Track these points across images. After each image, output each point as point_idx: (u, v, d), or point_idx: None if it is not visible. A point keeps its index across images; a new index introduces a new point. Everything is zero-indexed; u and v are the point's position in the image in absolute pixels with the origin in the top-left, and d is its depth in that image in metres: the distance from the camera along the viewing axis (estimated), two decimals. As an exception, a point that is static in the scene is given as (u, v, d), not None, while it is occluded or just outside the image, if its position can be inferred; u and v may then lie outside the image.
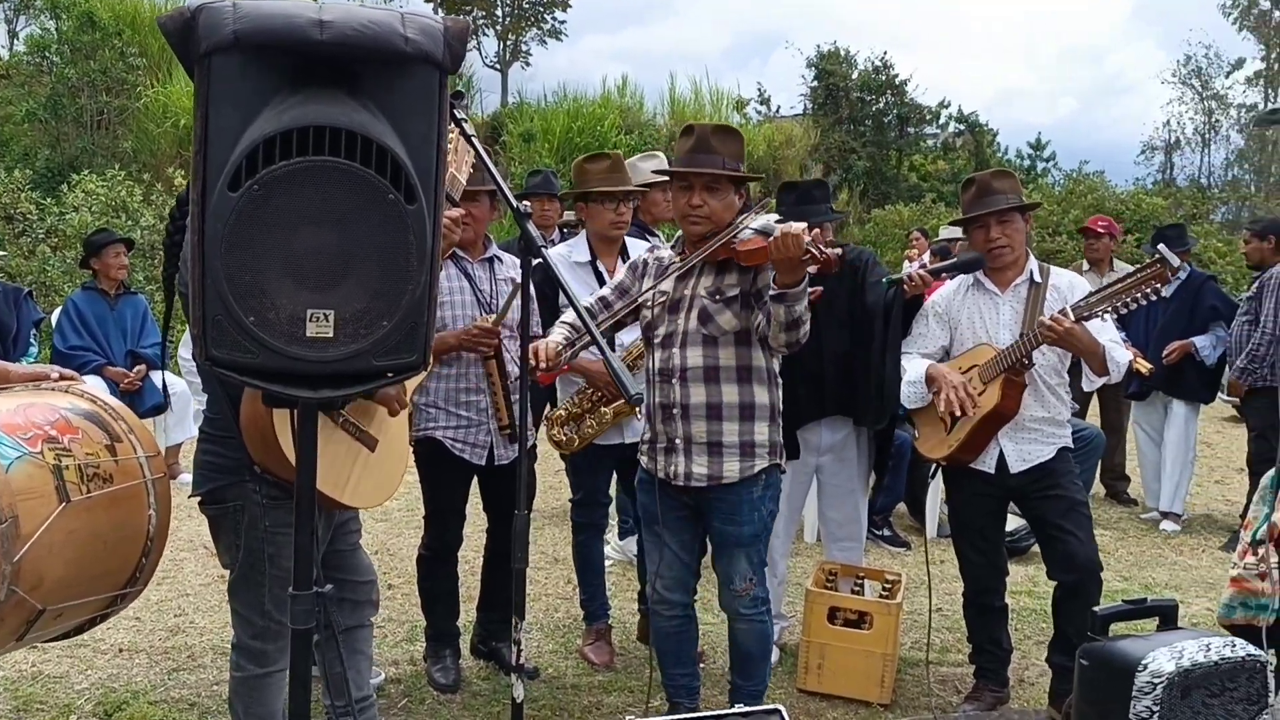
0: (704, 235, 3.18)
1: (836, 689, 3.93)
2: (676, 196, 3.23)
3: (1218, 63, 30.84)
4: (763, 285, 3.14)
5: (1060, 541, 3.61)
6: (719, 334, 3.16)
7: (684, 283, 3.22)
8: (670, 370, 3.18)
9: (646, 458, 3.31)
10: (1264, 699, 2.08)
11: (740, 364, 3.18)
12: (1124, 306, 3.34)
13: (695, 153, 3.16)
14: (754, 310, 3.16)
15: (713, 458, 3.18)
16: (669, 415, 3.18)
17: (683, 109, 22.33)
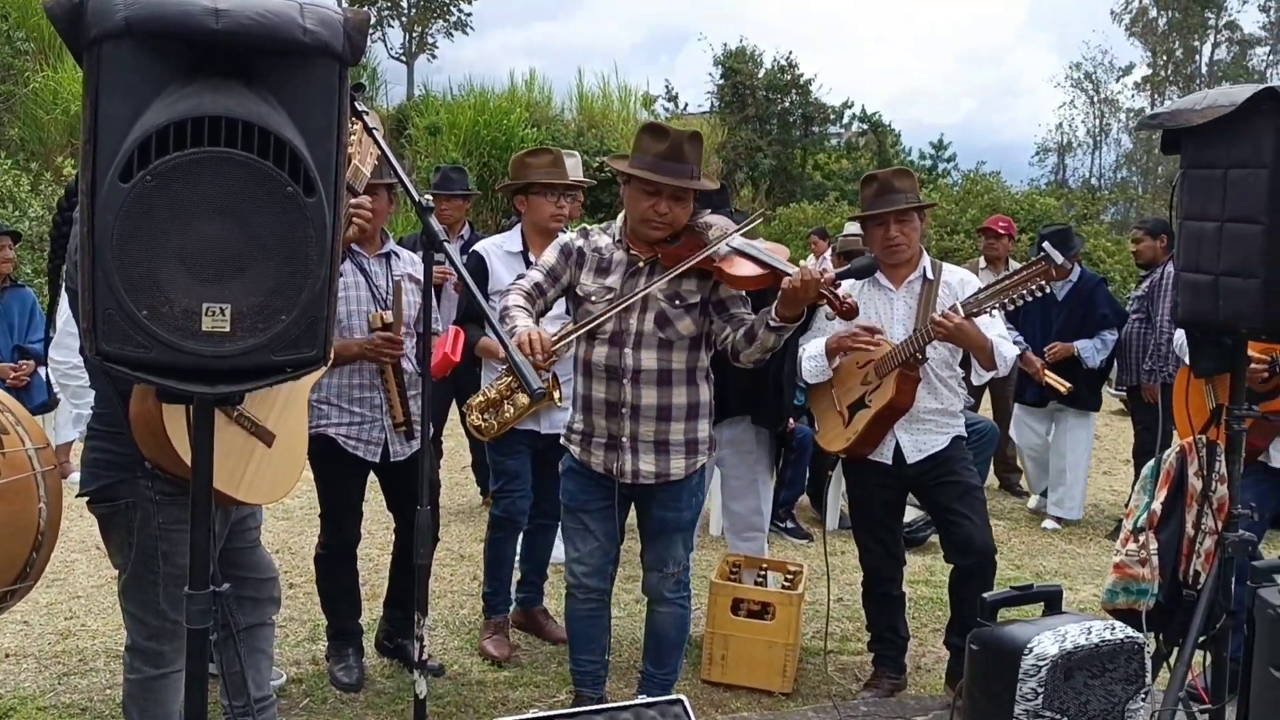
0: (660, 240, 3.20)
1: (740, 679, 3.99)
2: (637, 198, 3.17)
3: (1108, 68, 32.00)
4: (725, 296, 3.24)
5: (957, 526, 3.73)
6: (676, 339, 3.20)
7: (634, 281, 3.20)
8: (621, 370, 3.17)
9: (579, 449, 3.30)
10: (1141, 679, 2.18)
11: (690, 366, 3.25)
12: (1011, 303, 3.45)
13: (668, 159, 3.12)
14: (711, 318, 3.25)
15: (659, 456, 3.23)
16: (615, 413, 3.19)
17: (591, 105, 22.35)
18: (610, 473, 3.22)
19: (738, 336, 3.16)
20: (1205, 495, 3.19)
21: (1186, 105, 3.02)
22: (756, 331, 3.11)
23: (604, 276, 3.23)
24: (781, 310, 3.03)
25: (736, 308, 3.24)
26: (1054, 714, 2.09)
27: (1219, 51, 32.73)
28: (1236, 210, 2.85)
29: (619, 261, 3.24)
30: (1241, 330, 2.95)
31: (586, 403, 3.25)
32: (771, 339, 3.08)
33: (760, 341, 3.10)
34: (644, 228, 3.19)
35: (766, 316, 3.08)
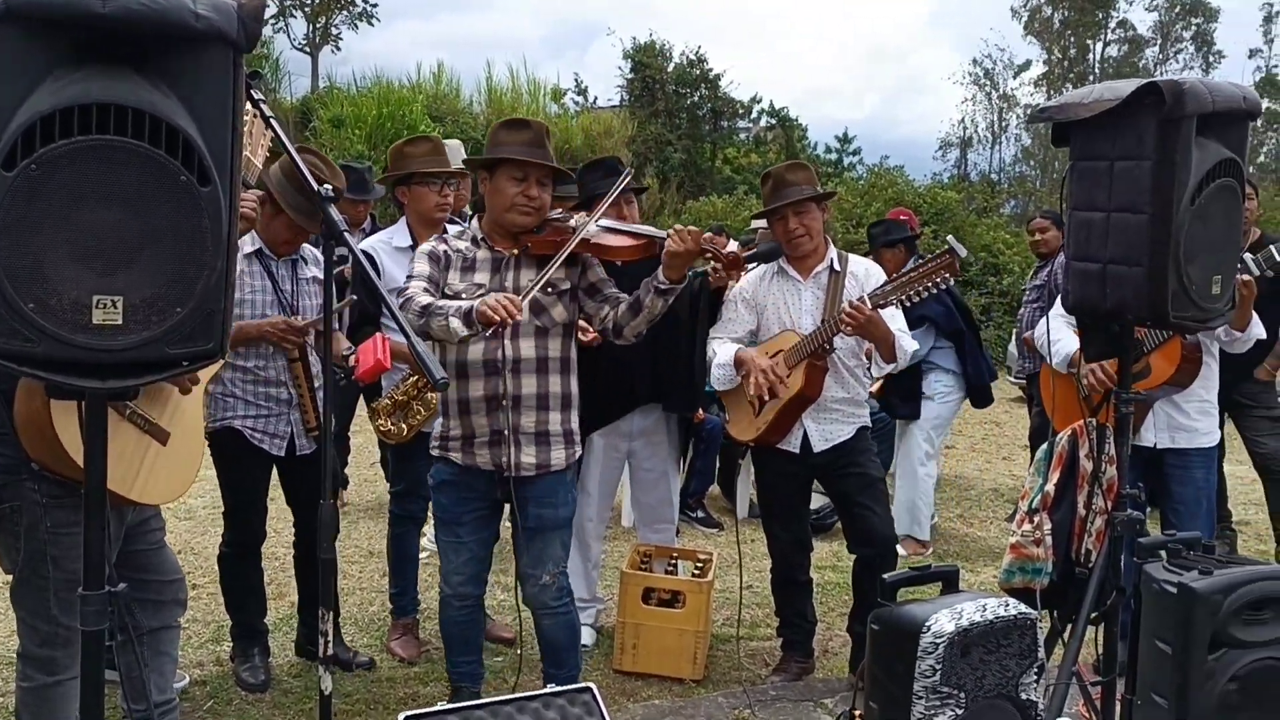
0: (529, 227, 3.21)
1: (651, 667, 4.02)
2: (505, 187, 3.18)
3: (1007, 65, 32.83)
4: (594, 280, 3.30)
5: (860, 517, 3.81)
6: (550, 325, 3.22)
7: (501, 275, 3.21)
8: (500, 362, 3.16)
9: (460, 454, 3.24)
10: (1034, 653, 2.26)
11: (564, 355, 3.27)
12: (915, 295, 3.53)
13: (534, 146, 3.19)
14: (582, 303, 3.29)
15: (540, 447, 3.23)
16: (497, 407, 3.17)
17: (500, 97, 22.14)
18: (499, 467, 3.19)
19: (620, 312, 3.21)
20: (1095, 476, 3.32)
21: (1075, 99, 3.12)
22: (643, 300, 3.15)
23: (470, 274, 3.22)
24: (668, 273, 3.09)
25: (608, 288, 3.30)
26: (951, 689, 2.15)
27: (1110, 50, 33.87)
28: (1122, 200, 2.94)
29: (483, 259, 3.23)
30: (1128, 316, 3.05)
31: (463, 405, 3.20)
32: (659, 304, 3.13)
33: (648, 310, 3.15)
34: (513, 215, 3.20)
35: (653, 283, 3.12)
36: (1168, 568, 2.49)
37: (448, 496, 3.30)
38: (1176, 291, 2.89)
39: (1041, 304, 6.36)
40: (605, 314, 3.25)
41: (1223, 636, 2.38)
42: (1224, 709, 2.38)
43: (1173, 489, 3.92)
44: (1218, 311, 3.05)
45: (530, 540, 3.28)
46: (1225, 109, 2.90)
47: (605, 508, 4.38)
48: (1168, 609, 2.43)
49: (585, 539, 4.30)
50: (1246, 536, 5.84)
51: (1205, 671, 2.37)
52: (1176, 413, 3.88)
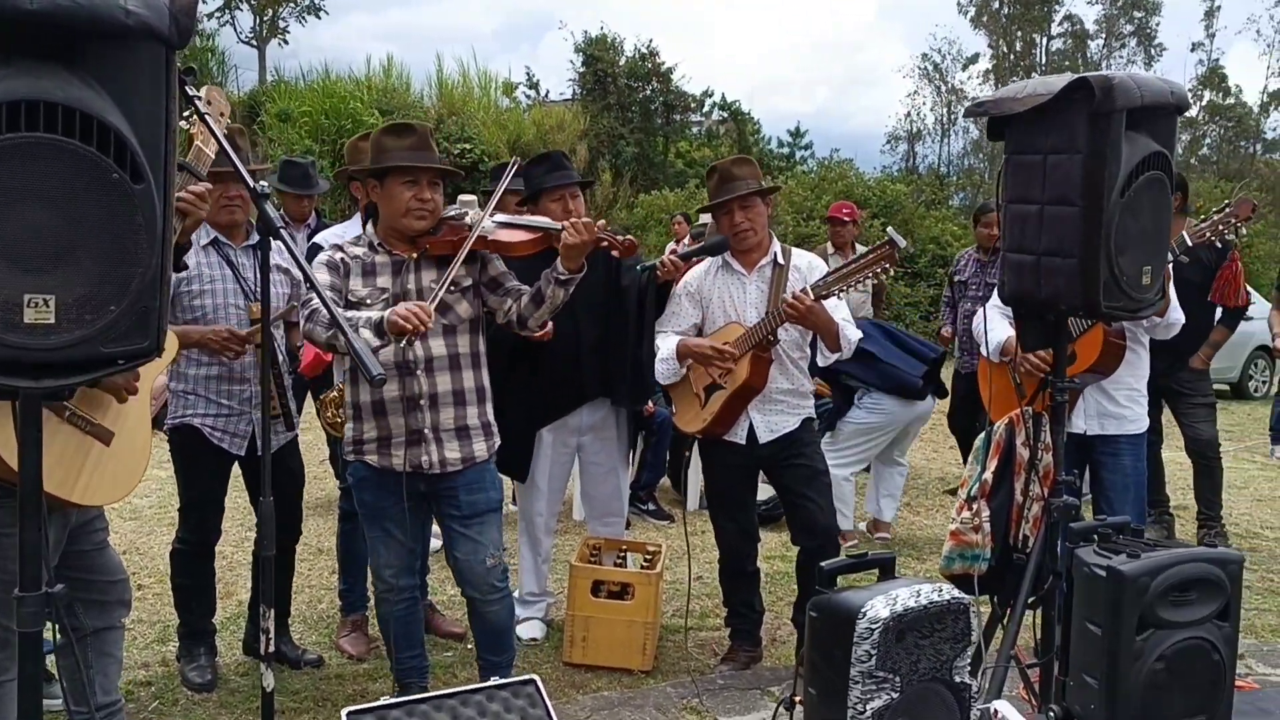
0: (425, 230, 3.23)
1: (601, 659, 4.04)
2: (397, 192, 3.19)
3: (955, 58, 33.20)
4: (495, 274, 3.33)
5: (803, 509, 3.86)
6: (458, 323, 3.24)
7: (403, 279, 3.22)
8: (412, 363, 3.17)
9: (377, 456, 3.23)
10: (968, 637, 2.31)
11: (474, 350, 3.30)
12: (856, 285, 3.58)
13: (421, 150, 3.21)
14: (485, 297, 3.33)
15: (462, 441, 3.25)
16: (414, 407, 3.18)
17: (450, 91, 22.02)
18: (418, 469, 3.20)
19: (522, 304, 3.26)
20: (1032, 464, 3.39)
21: (1009, 94, 3.18)
22: (544, 292, 3.21)
23: (372, 279, 3.22)
24: (566, 263, 3.16)
25: (509, 281, 3.34)
26: (886, 674, 2.20)
27: (1056, 43, 34.34)
28: (1055, 194, 3.00)
29: (383, 264, 3.23)
30: (1061, 307, 3.11)
31: (378, 407, 3.19)
32: (560, 294, 3.20)
33: (549, 300, 3.21)
34: (408, 220, 3.20)
35: (553, 274, 3.18)
36: (1098, 552, 2.56)
37: (369, 493, 3.29)
38: (1108, 282, 2.95)
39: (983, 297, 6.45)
40: (508, 307, 3.29)
41: (1150, 618, 2.45)
42: (1151, 687, 2.45)
43: (1103, 475, 4.02)
44: (1148, 301, 3.12)
45: (468, 527, 3.29)
46: (1153, 103, 2.97)
47: (555, 502, 4.39)
48: (1097, 592, 2.50)
49: (535, 533, 4.32)
50: (1185, 520, 5.99)
51: (1133, 652, 2.44)
52: (1106, 400, 3.98)
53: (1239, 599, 2.54)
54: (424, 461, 3.20)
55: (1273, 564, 5.55)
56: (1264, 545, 5.94)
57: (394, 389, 3.18)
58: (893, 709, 2.21)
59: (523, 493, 4.34)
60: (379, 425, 3.22)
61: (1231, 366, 11.83)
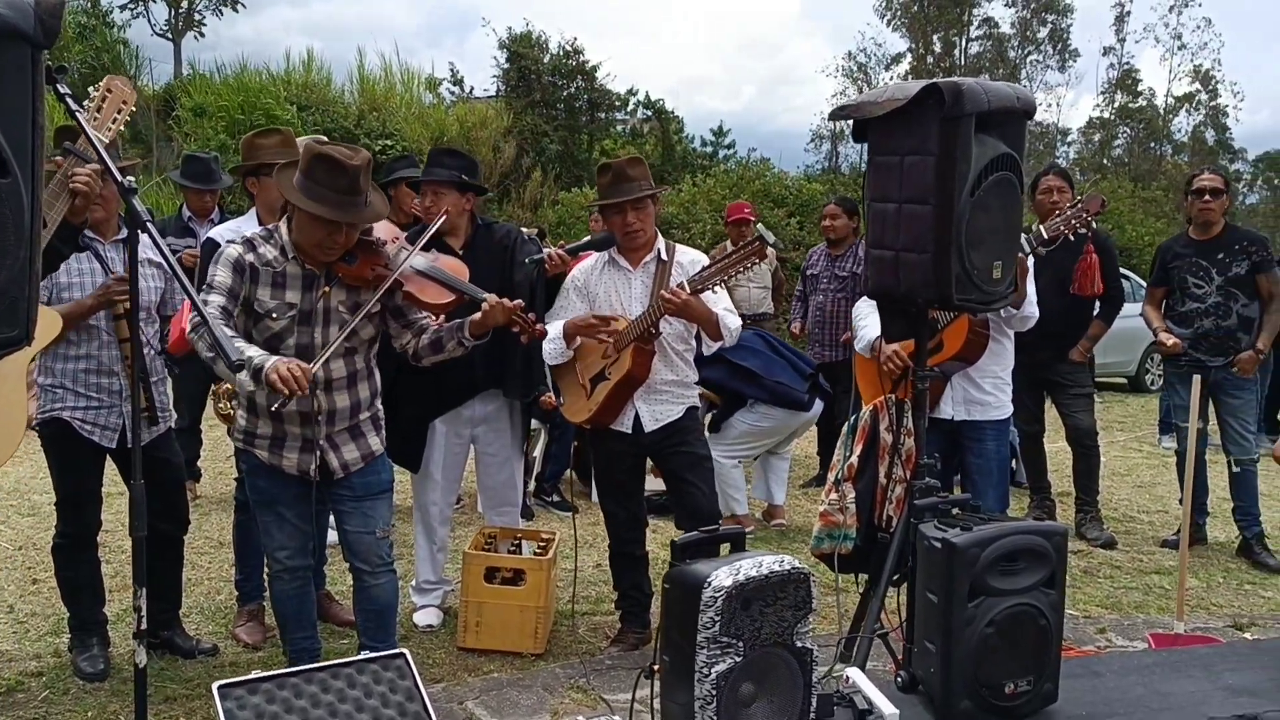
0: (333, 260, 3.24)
1: (494, 644, 4.15)
2: (312, 226, 3.14)
3: (880, 59, 33.84)
4: (403, 304, 3.42)
5: (686, 494, 4.02)
6: (359, 345, 3.33)
7: (312, 294, 3.23)
8: (311, 383, 3.12)
9: (268, 454, 3.29)
10: (808, 605, 2.47)
11: (368, 365, 3.41)
12: (730, 279, 3.75)
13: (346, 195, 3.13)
14: (388, 322, 3.43)
15: (359, 441, 3.37)
16: (310, 421, 3.25)
17: (373, 88, 21.88)
18: (306, 473, 3.27)
19: (421, 344, 3.40)
20: (895, 448, 3.58)
21: (870, 98, 3.36)
22: (445, 344, 3.36)
23: (281, 292, 3.21)
24: (474, 330, 3.32)
25: (414, 314, 3.44)
26: (730, 639, 2.35)
27: (975, 45, 35.12)
28: (911, 192, 3.18)
29: (294, 276, 3.22)
30: (919, 300, 3.30)
31: (275, 413, 3.23)
32: (460, 351, 3.38)
33: (448, 353, 3.38)
34: (317, 251, 3.19)
35: (459, 334, 3.33)
36: (937, 526, 2.75)
37: (263, 479, 3.36)
38: (960, 276, 3.14)
39: (845, 293, 6.63)
40: (407, 340, 3.43)
41: (981, 586, 2.64)
42: (983, 650, 2.64)
43: (969, 459, 4.24)
44: (999, 294, 3.32)
45: (359, 503, 3.38)
46: (1001, 108, 3.17)
47: (450, 492, 4.50)
48: (934, 563, 2.69)
49: (430, 523, 4.42)
50: (1065, 505, 6.26)
51: (966, 618, 2.63)
52: (972, 388, 4.19)
53: (1064, 568, 2.75)
54: (314, 470, 3.28)
55: (1144, 545, 5.85)
56: (1138, 529, 6.25)
57: (292, 403, 3.14)
58: (736, 672, 2.37)
59: (417, 483, 4.43)
60: (273, 427, 3.28)
61: (1129, 360, 12.28)
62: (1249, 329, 5.45)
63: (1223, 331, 5.47)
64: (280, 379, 2.87)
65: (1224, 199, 5.60)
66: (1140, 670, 3.08)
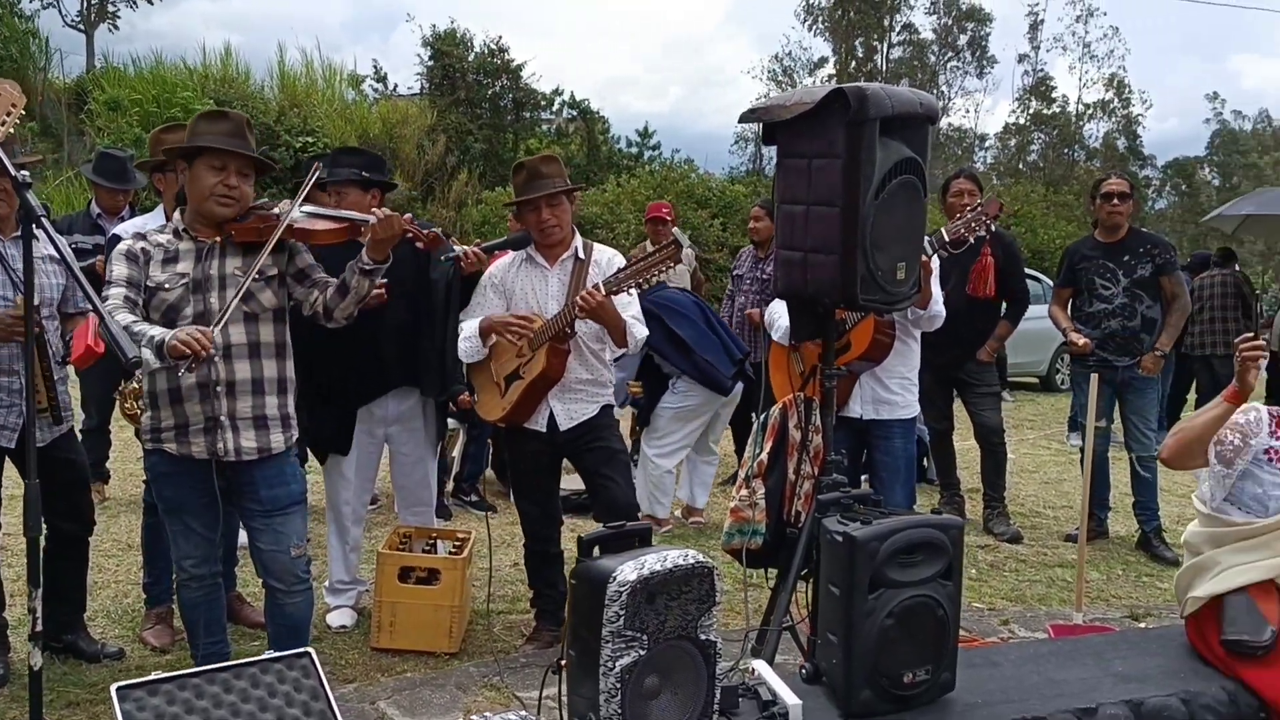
0: (229, 218, 3.26)
1: (408, 644, 4.14)
2: (205, 176, 3.21)
3: (805, 63, 34.27)
4: (303, 265, 3.39)
5: (604, 488, 4.04)
6: (260, 311, 3.28)
7: (206, 263, 3.23)
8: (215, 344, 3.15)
9: (175, 445, 3.23)
10: (712, 598, 2.51)
11: (277, 340, 3.33)
12: (645, 281, 3.78)
13: (234, 136, 3.24)
14: (291, 289, 3.37)
15: (260, 431, 3.28)
16: (210, 394, 3.20)
17: (293, 83, 21.54)
18: (214, 454, 3.22)
19: (328, 296, 3.33)
20: (803, 445, 3.65)
21: (779, 101, 3.41)
22: (349, 282, 3.29)
23: (174, 265, 3.22)
24: (371, 253, 3.27)
25: (316, 273, 3.41)
26: (635, 633, 2.38)
27: (897, 51, 35.76)
28: (818, 195, 3.24)
29: (186, 250, 3.25)
30: (825, 300, 3.37)
31: (174, 395, 3.20)
32: (366, 284, 3.30)
33: (355, 291, 3.30)
34: (212, 204, 3.22)
35: (357, 264, 3.28)
36: (839, 520, 2.81)
37: (169, 488, 3.30)
38: (865, 277, 3.21)
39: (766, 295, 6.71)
40: (315, 298, 3.35)
41: (880, 578, 2.70)
42: (883, 641, 2.71)
43: (876, 456, 4.33)
44: (903, 295, 3.40)
45: (270, 519, 3.33)
46: (904, 113, 3.23)
47: (363, 491, 4.47)
48: (836, 556, 2.75)
49: (343, 523, 4.39)
50: (975, 501, 6.42)
51: (866, 610, 2.70)
52: (879, 387, 4.29)
53: (960, 560, 2.83)
54: (220, 449, 3.23)
55: (1048, 540, 6.03)
56: (1044, 524, 6.44)
57: (190, 375, 3.16)
58: (641, 665, 2.40)
59: (330, 483, 4.39)
60: (175, 413, 3.22)
61: (1040, 360, 12.63)
62: (1152, 330, 5.66)
63: (1128, 332, 5.66)
64: (181, 342, 2.89)
65: (1130, 203, 5.80)
66: (1036, 659, 3.18)
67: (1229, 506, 3.17)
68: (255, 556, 3.43)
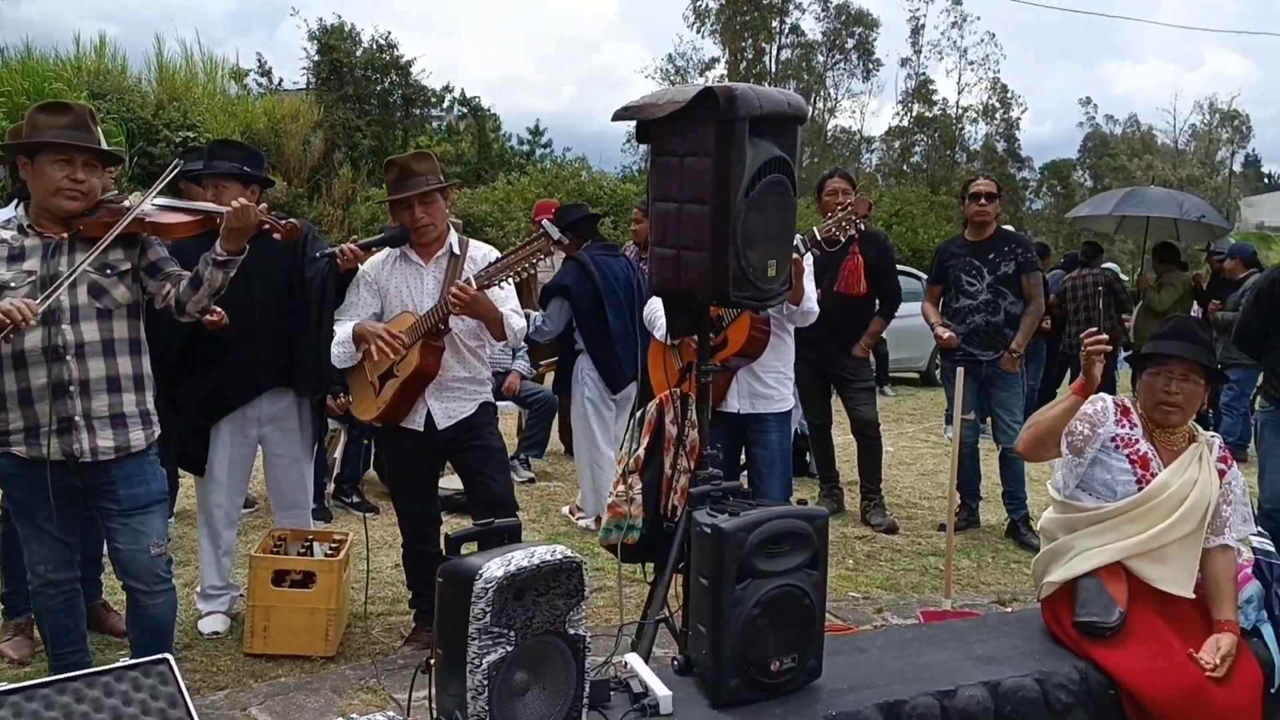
0: (76, 212, 3.16)
1: (283, 648, 4.06)
2: (49, 171, 3.11)
3: (697, 63, 34.59)
4: (155, 259, 3.30)
5: (482, 486, 4.03)
6: (113, 307, 3.19)
7: (54, 260, 3.13)
8: (62, 347, 3.08)
9: (25, 447, 3.12)
10: (580, 593, 2.52)
11: (131, 336, 3.25)
12: (516, 275, 3.77)
13: (76, 129, 3.16)
14: (144, 283, 3.28)
15: (118, 430, 3.19)
16: (64, 394, 3.09)
17: (173, 76, 20.87)
18: (70, 455, 3.12)
19: (181, 288, 3.26)
20: (680, 440, 3.69)
21: (651, 100, 3.44)
22: (202, 274, 3.22)
23: (19, 263, 3.13)
24: (225, 245, 3.20)
25: (169, 266, 3.33)
26: (502, 629, 2.38)
27: (786, 53, 36.33)
28: (690, 193, 3.27)
29: (33, 246, 3.15)
30: (699, 296, 3.41)
31: (24, 395, 3.10)
32: (219, 276, 3.23)
33: (209, 283, 3.23)
34: (59, 200, 3.14)
35: (211, 255, 3.21)
36: (709, 513, 2.85)
37: (19, 489, 3.19)
38: (736, 274, 3.25)
39: None
40: (167, 291, 3.27)
41: (748, 569, 2.75)
42: (751, 630, 2.76)
43: (754, 450, 4.41)
44: (774, 292, 3.46)
45: (129, 518, 3.24)
46: (772, 113, 3.29)
47: (236, 494, 4.37)
48: (705, 548, 2.79)
49: (215, 526, 4.29)
50: (853, 493, 6.56)
51: (734, 600, 2.74)
52: (756, 382, 4.36)
53: (825, 550, 2.89)
54: (76, 449, 3.12)
55: (923, 530, 6.20)
56: (919, 514, 6.62)
57: (41, 375, 3.08)
58: (509, 661, 2.40)
59: (201, 485, 4.29)
60: (24, 414, 3.10)
61: (920, 356, 12.96)
62: (1016, 326, 5.87)
63: (992, 327, 5.86)
64: (3, 311, 2.83)
65: (997, 203, 6.01)
66: (900, 645, 3.27)
67: (1080, 493, 3.31)
68: (113, 557, 3.33)
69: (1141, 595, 3.15)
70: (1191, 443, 3.27)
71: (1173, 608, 3.15)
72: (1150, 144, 42.08)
